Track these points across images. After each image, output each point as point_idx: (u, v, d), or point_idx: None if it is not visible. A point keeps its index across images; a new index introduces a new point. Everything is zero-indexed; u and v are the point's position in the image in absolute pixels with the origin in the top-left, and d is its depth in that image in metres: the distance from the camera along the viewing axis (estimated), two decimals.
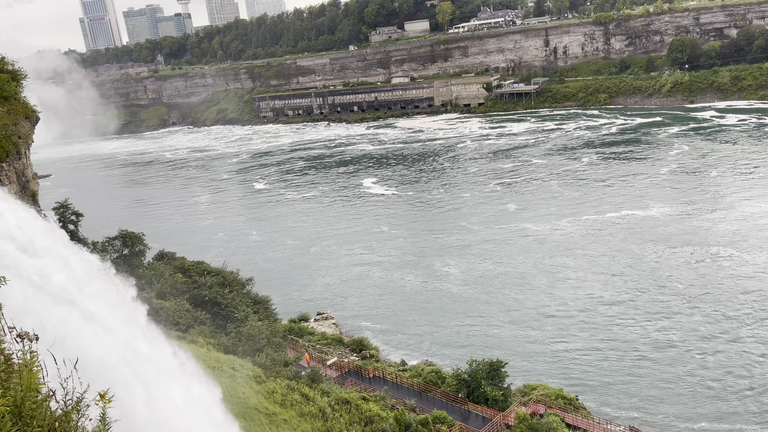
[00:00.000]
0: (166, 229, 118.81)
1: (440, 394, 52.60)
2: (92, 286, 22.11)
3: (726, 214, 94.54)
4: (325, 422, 41.86)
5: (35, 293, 17.00)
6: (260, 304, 62.28)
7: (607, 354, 61.55)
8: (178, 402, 20.52)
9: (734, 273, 75.12)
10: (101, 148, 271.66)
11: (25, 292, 16.15)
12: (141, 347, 20.70)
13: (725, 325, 63.95)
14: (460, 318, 71.81)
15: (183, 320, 50.21)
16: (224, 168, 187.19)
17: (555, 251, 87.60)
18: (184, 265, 63.71)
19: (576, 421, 49.37)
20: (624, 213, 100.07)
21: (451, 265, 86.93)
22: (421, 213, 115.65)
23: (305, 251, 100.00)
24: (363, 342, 66.44)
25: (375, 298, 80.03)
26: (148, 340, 23.11)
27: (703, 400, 53.40)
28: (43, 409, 4.80)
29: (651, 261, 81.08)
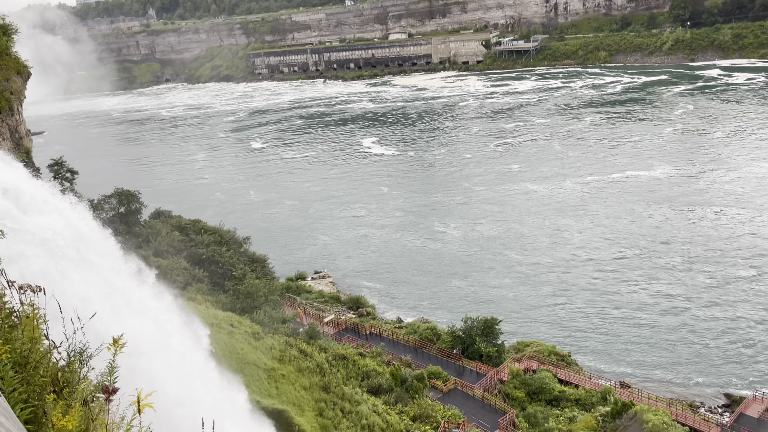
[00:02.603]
0: (163, 188, 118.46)
1: (435, 351, 53.60)
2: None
3: (730, 175, 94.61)
4: (322, 377, 42.74)
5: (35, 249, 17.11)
6: (257, 263, 62.70)
7: (602, 313, 62.49)
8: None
9: (737, 233, 75.67)
10: (95, 105, 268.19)
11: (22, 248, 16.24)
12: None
13: (724, 286, 64.77)
14: (459, 278, 72.49)
15: (181, 278, 50.60)
16: (221, 126, 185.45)
17: (557, 212, 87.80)
18: (181, 223, 63.83)
19: (568, 377, 50.53)
20: (628, 174, 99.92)
21: (451, 226, 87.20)
22: (421, 173, 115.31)
23: (303, 211, 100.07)
24: (360, 300, 67.25)
25: (373, 258, 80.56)
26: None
27: (695, 359, 54.56)
28: (46, 359, 4.91)
29: (654, 222, 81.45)
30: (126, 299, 20.80)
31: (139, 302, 22.18)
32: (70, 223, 20.98)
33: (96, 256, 21.29)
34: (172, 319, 25.65)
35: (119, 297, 20.30)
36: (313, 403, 40.69)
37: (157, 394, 4.38)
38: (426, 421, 42.38)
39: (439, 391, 47.36)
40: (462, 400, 46.24)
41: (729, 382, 51.38)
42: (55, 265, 16.99)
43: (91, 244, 21.96)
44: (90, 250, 21.01)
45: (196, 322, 31.27)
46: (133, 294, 22.31)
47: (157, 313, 23.69)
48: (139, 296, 22.93)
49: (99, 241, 24.05)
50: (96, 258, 20.94)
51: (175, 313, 27.68)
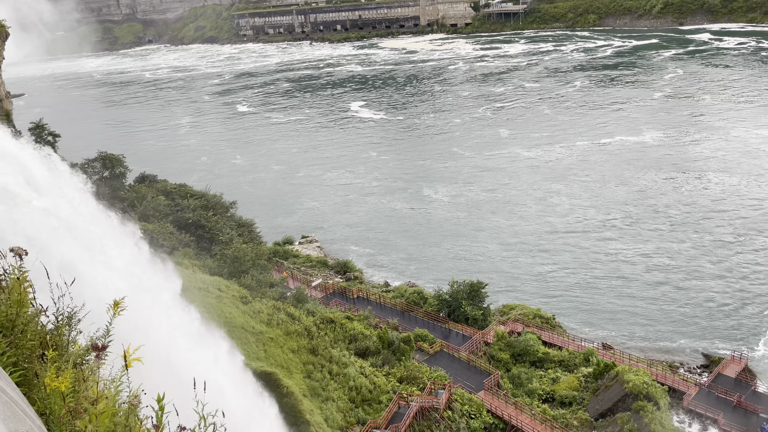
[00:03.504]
0: (147, 152, 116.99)
1: (422, 314, 54.29)
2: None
3: (718, 141, 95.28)
4: (310, 340, 43.23)
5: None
6: (244, 227, 62.62)
7: (588, 276, 63.42)
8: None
9: (723, 198, 76.65)
10: (77, 67, 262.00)
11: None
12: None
13: (708, 250, 65.86)
14: (447, 243, 72.94)
15: (167, 242, 50.45)
16: (206, 89, 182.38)
17: (546, 177, 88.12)
18: (167, 188, 63.32)
19: (552, 339, 51.55)
20: (617, 139, 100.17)
21: (440, 192, 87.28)
22: (410, 138, 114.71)
23: (290, 176, 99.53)
24: (347, 264, 67.62)
25: (361, 223, 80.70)
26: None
27: (677, 321, 55.78)
28: (34, 323, 4.91)
29: (641, 187, 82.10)
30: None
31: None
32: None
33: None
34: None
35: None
36: (301, 365, 41.25)
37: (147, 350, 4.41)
38: (412, 382, 43.21)
39: (426, 353, 48.16)
40: (448, 362, 47.09)
41: (708, 343, 52.75)
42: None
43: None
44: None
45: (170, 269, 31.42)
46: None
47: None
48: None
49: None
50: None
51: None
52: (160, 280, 27.23)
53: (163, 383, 4.22)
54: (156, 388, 4.41)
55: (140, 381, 4.67)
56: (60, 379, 4.09)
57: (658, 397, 40.78)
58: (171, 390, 4.20)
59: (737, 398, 43.88)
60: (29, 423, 3.28)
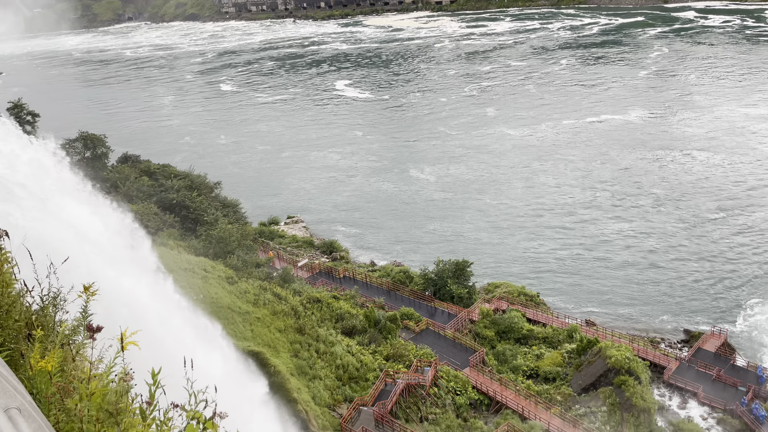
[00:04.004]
0: (129, 132, 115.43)
1: (408, 293, 54.64)
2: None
3: (702, 119, 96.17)
4: (297, 319, 43.38)
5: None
6: (229, 208, 62.28)
7: (572, 254, 64.09)
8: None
9: (707, 176, 77.63)
10: (56, 45, 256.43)
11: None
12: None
13: (691, 228, 66.82)
14: (433, 222, 73.17)
15: (152, 223, 50.07)
16: (189, 68, 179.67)
17: (532, 156, 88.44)
18: (150, 168, 62.63)
19: (536, 316, 52.22)
20: (603, 118, 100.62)
21: (426, 171, 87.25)
22: (396, 117, 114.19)
23: (276, 156, 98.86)
24: (333, 244, 67.65)
25: (347, 203, 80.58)
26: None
27: (658, 297, 56.70)
28: (18, 304, 4.88)
29: (627, 166, 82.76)
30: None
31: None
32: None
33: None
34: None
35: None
36: (288, 344, 41.45)
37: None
38: (399, 360, 43.63)
39: (412, 331, 48.58)
40: (434, 339, 47.57)
41: (689, 319, 53.76)
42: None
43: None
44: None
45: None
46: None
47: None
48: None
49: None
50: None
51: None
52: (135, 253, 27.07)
53: (151, 362, 4.23)
54: (144, 366, 4.42)
55: (129, 361, 4.69)
56: (47, 358, 4.09)
57: (639, 371, 41.60)
58: (160, 369, 4.22)
59: (717, 372, 44.91)
60: (20, 399, 3.28)
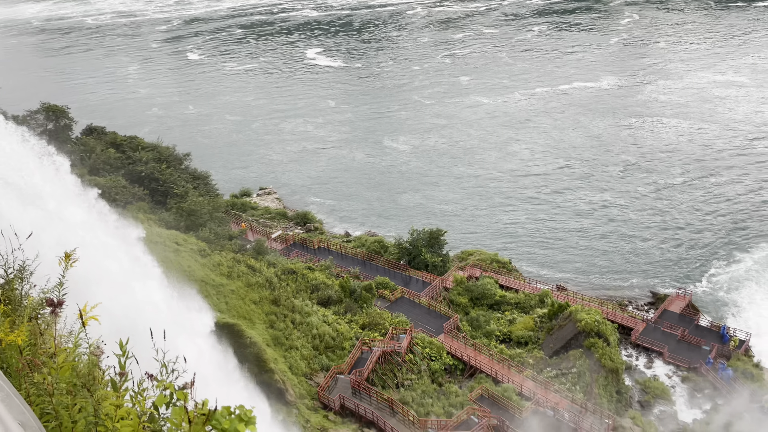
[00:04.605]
0: (93, 103, 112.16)
1: (383, 262, 54.95)
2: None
3: (672, 86, 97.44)
4: (272, 291, 43.37)
5: None
6: (200, 180, 61.37)
7: (544, 221, 65.05)
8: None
9: (675, 142, 79.07)
10: (13, 13, 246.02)
11: None
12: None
13: (658, 193, 68.27)
14: (407, 192, 73.29)
15: (120, 196, 49.13)
16: (154, 36, 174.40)
17: (505, 125, 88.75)
18: (116, 140, 61.15)
19: (509, 282, 53.10)
20: (575, 85, 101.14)
21: (400, 141, 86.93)
22: (369, 86, 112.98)
23: (246, 126, 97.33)
24: (307, 215, 67.37)
25: (320, 174, 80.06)
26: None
27: (627, 262, 58.09)
28: None
29: (598, 133, 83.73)
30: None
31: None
32: None
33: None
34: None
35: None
36: (264, 316, 41.50)
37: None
38: (375, 328, 44.08)
39: (387, 300, 49.01)
40: (409, 307, 48.10)
41: (656, 281, 55.31)
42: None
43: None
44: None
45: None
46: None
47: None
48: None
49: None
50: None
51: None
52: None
53: (122, 334, 4.16)
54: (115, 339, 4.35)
55: (100, 333, 4.62)
56: (16, 332, 4.00)
57: (608, 333, 42.80)
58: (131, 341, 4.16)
59: (681, 332, 46.45)
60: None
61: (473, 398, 39.24)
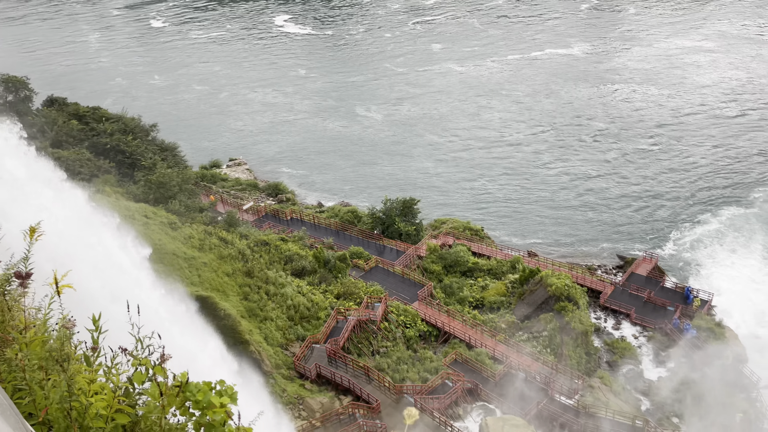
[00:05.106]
0: (54, 74, 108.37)
1: (357, 232, 55.01)
2: None
3: (643, 52, 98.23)
4: (245, 263, 43.15)
5: None
6: (168, 151, 60.18)
7: (516, 188, 65.69)
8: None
9: (644, 108, 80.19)
10: None
11: None
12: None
13: (627, 159, 69.43)
14: (380, 161, 73.03)
15: (85, 169, 47.94)
16: (114, 2, 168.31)
17: (479, 92, 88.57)
18: (79, 111, 59.34)
19: (481, 249, 53.75)
20: (547, 52, 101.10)
21: (372, 109, 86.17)
22: (340, 54, 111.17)
23: (214, 96, 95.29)
24: (279, 186, 66.78)
25: (291, 144, 79.13)
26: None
27: (596, 227, 59.20)
28: None
29: (569, 100, 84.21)
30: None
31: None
32: None
33: None
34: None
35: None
36: (237, 288, 41.35)
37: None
38: (350, 298, 44.34)
39: (361, 269, 49.22)
40: (383, 276, 48.41)
41: (624, 245, 56.61)
42: None
43: None
44: None
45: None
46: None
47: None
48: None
49: None
50: None
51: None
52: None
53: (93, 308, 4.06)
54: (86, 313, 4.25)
55: (70, 308, 4.50)
56: None
57: (577, 297, 43.82)
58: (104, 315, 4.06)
59: (647, 294, 47.81)
60: None
61: (447, 363, 39.99)
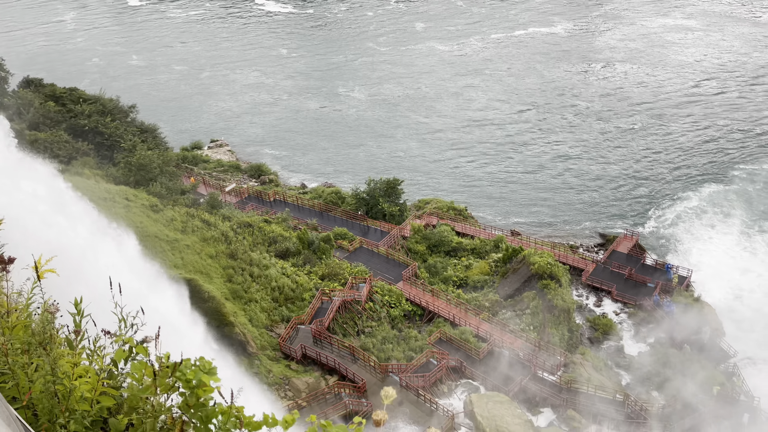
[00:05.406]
0: (29, 54, 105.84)
1: (341, 213, 54.94)
2: None
3: (624, 30, 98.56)
4: (228, 245, 42.95)
5: None
6: (148, 133, 59.29)
7: (499, 168, 65.91)
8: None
9: (626, 87, 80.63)
10: None
11: None
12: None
13: (609, 137, 69.95)
14: (363, 142, 72.71)
15: (63, 152, 47.13)
16: None
17: (462, 72, 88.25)
18: (56, 92, 58.10)
19: (465, 229, 54.04)
20: (530, 30, 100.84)
21: (355, 89, 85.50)
22: (322, 33, 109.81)
23: (194, 76, 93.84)
24: (262, 168, 66.29)
25: (274, 124, 78.40)
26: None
27: (578, 206, 59.74)
28: None
29: (552, 79, 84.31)
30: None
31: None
32: None
33: None
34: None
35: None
36: (221, 270, 41.19)
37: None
38: (334, 278, 44.42)
39: (346, 250, 49.26)
40: (368, 257, 48.52)
41: (606, 223, 57.26)
42: None
43: None
44: None
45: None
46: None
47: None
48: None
49: None
50: None
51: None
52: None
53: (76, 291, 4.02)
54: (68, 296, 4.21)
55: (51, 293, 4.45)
56: None
57: (560, 275, 44.34)
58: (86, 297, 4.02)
59: (628, 271, 48.53)
60: None
61: (432, 342, 40.38)
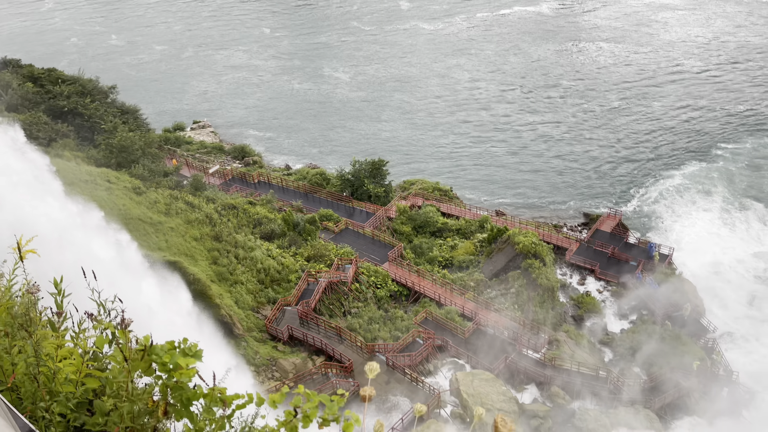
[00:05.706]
0: (5, 35, 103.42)
1: (326, 194, 54.75)
2: None
3: (609, 9, 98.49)
4: (213, 227, 42.69)
5: None
6: (129, 114, 58.41)
7: (484, 148, 65.94)
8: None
9: (611, 66, 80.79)
10: None
11: None
12: None
13: (593, 117, 70.16)
14: (348, 122, 72.25)
15: (42, 133, 46.32)
16: None
17: (447, 52, 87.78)
18: (34, 73, 56.90)
19: (450, 209, 54.18)
20: (515, 9, 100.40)
21: (340, 70, 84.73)
22: (306, 12, 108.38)
23: (176, 56, 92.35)
24: (245, 149, 65.72)
25: (257, 105, 77.60)
26: None
27: (562, 186, 60.08)
28: None
29: (538, 58, 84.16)
30: None
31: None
32: None
33: None
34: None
35: None
36: (206, 252, 40.98)
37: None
38: (320, 260, 44.39)
39: (331, 232, 49.20)
40: (353, 238, 48.51)
41: (589, 203, 57.71)
42: None
43: None
44: None
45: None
46: None
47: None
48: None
49: None
50: None
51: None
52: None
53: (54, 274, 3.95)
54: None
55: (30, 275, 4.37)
56: None
57: (544, 254, 44.71)
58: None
59: (611, 250, 49.06)
60: None
61: (418, 321, 40.65)
